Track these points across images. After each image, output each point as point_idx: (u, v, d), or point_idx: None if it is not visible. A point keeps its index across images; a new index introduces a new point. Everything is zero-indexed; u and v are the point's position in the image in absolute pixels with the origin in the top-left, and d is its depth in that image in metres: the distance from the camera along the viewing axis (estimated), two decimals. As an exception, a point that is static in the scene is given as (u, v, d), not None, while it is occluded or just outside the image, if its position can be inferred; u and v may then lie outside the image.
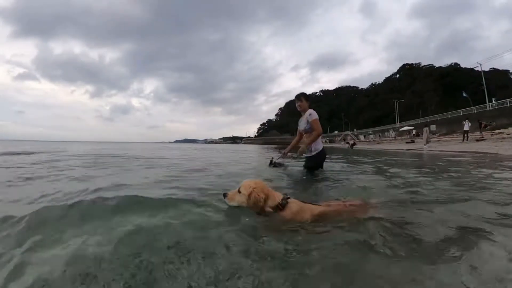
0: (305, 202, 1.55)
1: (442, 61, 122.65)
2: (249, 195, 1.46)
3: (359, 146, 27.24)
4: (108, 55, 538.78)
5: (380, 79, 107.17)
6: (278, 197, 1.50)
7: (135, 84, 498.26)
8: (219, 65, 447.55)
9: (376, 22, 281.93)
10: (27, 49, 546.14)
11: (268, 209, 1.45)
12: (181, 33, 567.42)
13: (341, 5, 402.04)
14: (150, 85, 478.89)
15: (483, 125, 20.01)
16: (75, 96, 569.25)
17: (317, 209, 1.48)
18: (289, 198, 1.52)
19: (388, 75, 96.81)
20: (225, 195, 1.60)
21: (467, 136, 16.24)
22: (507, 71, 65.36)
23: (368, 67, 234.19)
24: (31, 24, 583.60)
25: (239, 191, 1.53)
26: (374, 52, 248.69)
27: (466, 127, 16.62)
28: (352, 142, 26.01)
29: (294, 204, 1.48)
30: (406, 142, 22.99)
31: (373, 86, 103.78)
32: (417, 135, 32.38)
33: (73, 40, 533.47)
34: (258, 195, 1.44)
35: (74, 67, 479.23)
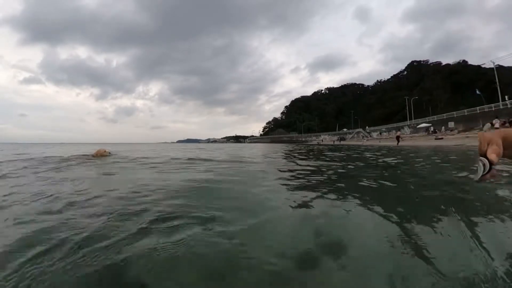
0: None
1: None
2: None
3: (382, 143, 27.14)
4: (115, 59, 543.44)
5: (378, 78, 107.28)
6: None
7: (140, 87, 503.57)
8: (223, 68, 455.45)
9: (371, 26, 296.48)
10: (34, 55, 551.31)
11: None
12: (186, 39, 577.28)
13: (336, 13, 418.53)
14: (155, 87, 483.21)
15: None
16: (80, 99, 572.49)
17: None
18: None
19: (389, 74, 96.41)
20: None
21: None
22: (512, 68, 65.12)
23: (366, 67, 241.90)
24: (39, 32, 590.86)
25: None
26: (371, 54, 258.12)
27: (497, 125, 16.88)
28: (397, 134, 26.68)
29: None
30: (436, 139, 22.86)
31: (379, 83, 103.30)
32: (435, 131, 32.22)
33: (81, 46, 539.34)
34: None
35: (80, 71, 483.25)
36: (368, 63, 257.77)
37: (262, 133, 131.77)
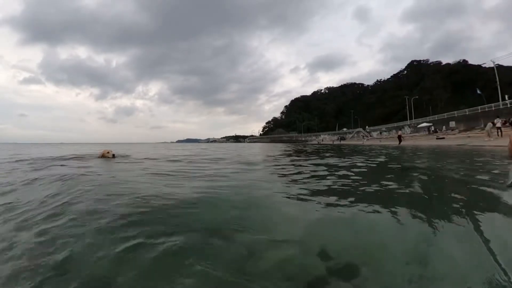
0: None
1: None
2: None
3: (383, 143, 27.09)
4: (115, 59, 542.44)
5: (377, 78, 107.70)
6: None
7: (140, 86, 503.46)
8: (223, 68, 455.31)
9: (371, 26, 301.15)
10: (34, 55, 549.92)
11: None
12: (186, 39, 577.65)
13: (336, 13, 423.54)
14: (155, 87, 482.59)
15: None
16: (80, 99, 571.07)
17: None
18: None
19: (388, 74, 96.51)
20: None
21: (501, 132, 16.25)
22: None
23: (366, 67, 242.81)
24: (39, 32, 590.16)
25: None
26: (371, 54, 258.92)
27: (498, 124, 16.91)
28: (399, 134, 25.51)
29: None
30: (437, 138, 22.80)
31: (379, 82, 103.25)
32: (436, 131, 32.18)
33: (81, 46, 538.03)
34: None
35: (80, 72, 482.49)
36: (368, 63, 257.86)
37: (261, 132, 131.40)
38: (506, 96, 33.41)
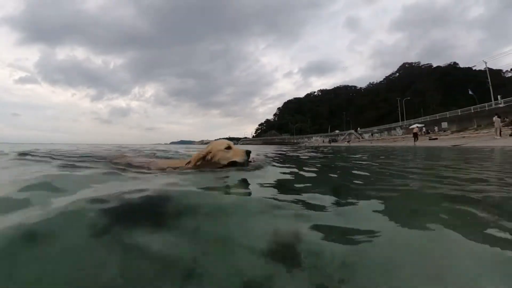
0: None
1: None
2: None
3: (373, 144, 25.95)
4: (112, 61, 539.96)
5: (367, 83, 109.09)
6: None
7: (136, 88, 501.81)
8: (219, 72, 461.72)
9: (361, 35, 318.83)
10: (32, 55, 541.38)
11: None
12: (184, 44, 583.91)
13: (328, 22, 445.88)
14: (151, 89, 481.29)
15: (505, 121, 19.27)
16: (75, 99, 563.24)
17: None
18: None
19: (378, 79, 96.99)
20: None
21: (500, 131, 15.39)
22: (500, 71, 67.42)
23: (357, 72, 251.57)
24: (39, 32, 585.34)
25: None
26: (361, 60, 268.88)
27: (497, 123, 16.21)
28: (414, 131, 20.60)
29: None
30: (430, 139, 21.79)
31: (371, 85, 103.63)
32: (428, 132, 31.41)
33: (79, 48, 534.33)
34: None
35: (77, 72, 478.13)
36: (359, 69, 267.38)
37: (254, 134, 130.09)
38: (499, 97, 33.19)
